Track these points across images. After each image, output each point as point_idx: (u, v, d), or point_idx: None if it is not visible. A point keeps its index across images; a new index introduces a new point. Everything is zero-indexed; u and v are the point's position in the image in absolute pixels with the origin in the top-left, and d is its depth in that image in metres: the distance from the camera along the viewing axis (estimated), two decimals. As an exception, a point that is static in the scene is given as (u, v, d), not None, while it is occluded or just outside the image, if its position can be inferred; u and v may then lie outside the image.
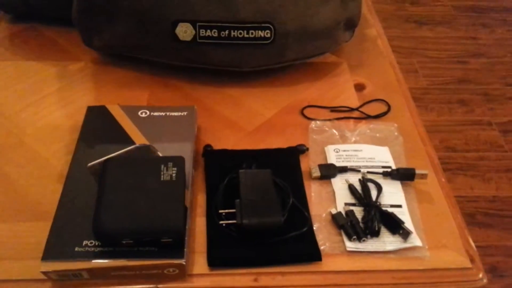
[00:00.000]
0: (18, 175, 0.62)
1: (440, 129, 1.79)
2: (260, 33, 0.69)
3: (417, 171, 0.62)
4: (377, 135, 0.69)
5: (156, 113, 0.65)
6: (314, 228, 0.58)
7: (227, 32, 0.68)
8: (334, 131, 0.69)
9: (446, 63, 2.08)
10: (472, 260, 0.56)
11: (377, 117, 0.72)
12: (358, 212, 0.59)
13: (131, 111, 0.66)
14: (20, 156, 0.64)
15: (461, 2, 2.44)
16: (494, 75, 2.03)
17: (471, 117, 1.85)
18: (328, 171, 0.63)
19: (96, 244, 0.51)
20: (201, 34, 0.68)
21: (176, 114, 0.66)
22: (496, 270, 1.41)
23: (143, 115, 0.65)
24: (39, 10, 0.83)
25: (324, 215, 0.59)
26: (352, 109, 0.73)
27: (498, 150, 1.72)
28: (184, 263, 0.51)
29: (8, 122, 0.69)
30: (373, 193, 0.61)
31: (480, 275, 0.55)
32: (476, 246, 0.58)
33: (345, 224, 0.57)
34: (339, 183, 0.63)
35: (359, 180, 0.62)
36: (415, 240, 0.56)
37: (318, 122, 0.70)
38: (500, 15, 2.36)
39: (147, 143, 0.62)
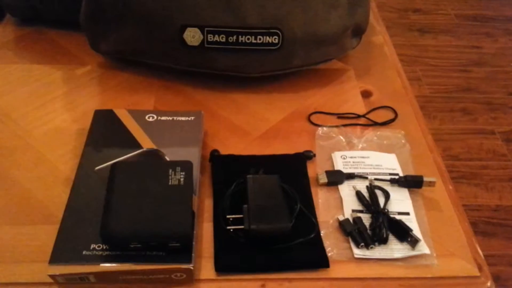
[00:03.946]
0: (24, 178, 0.62)
1: (443, 138, 1.79)
2: (268, 39, 0.69)
3: (425, 179, 0.62)
4: (384, 142, 0.69)
5: (163, 118, 0.65)
6: (322, 234, 0.57)
7: (235, 37, 0.68)
8: (341, 137, 0.69)
9: (449, 71, 2.09)
10: (480, 269, 0.56)
11: (384, 124, 0.72)
12: (366, 219, 0.59)
13: (138, 115, 0.65)
14: (26, 159, 0.64)
15: (464, 11, 2.44)
16: (497, 84, 2.03)
17: (474, 125, 1.85)
18: (335, 178, 0.63)
19: (104, 248, 0.51)
20: (209, 39, 0.68)
21: (183, 118, 0.66)
22: (499, 279, 1.41)
23: (151, 119, 0.65)
24: (46, 13, 0.83)
25: (331, 221, 0.59)
26: (359, 116, 0.73)
27: (501, 159, 1.72)
28: (192, 268, 0.50)
29: (15, 125, 0.69)
30: (381, 200, 0.61)
31: (488, 284, 0.55)
32: (480, 255, 0.58)
33: (353, 231, 0.57)
34: (346, 189, 0.62)
35: (367, 187, 0.62)
36: (423, 247, 0.56)
37: (325, 128, 0.70)
38: (502, 24, 2.37)
39: (154, 147, 0.61)
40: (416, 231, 0.58)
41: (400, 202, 0.61)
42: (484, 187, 1.63)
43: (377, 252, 0.56)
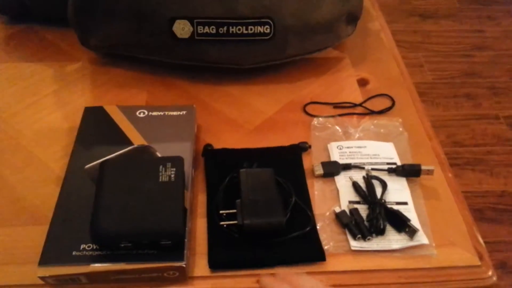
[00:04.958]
0: (14, 178, 0.61)
1: (447, 124, 1.77)
2: (260, 29, 0.67)
3: (423, 167, 0.60)
4: (381, 131, 0.67)
5: (154, 113, 0.64)
6: (318, 227, 0.56)
7: (225, 28, 0.67)
8: (337, 127, 0.68)
9: (452, 56, 2.06)
10: (480, 258, 0.55)
11: (381, 112, 0.71)
12: (363, 210, 0.57)
13: (129, 112, 0.64)
14: (16, 158, 0.63)
15: (465, -6, 2.41)
16: (501, 68, 2.00)
17: (478, 111, 1.82)
18: (332, 169, 0.62)
19: (94, 247, 0.50)
20: (199, 31, 0.67)
21: (175, 113, 0.64)
22: (506, 266, 1.39)
23: (141, 115, 0.64)
24: (35, 11, 0.82)
25: (327, 213, 0.58)
26: (355, 105, 0.72)
27: (506, 144, 1.70)
28: (184, 265, 0.49)
29: (5, 124, 0.68)
30: (378, 190, 0.59)
31: (490, 273, 0.54)
32: (485, 242, 0.57)
33: (350, 223, 0.56)
34: (342, 180, 0.61)
35: (363, 177, 0.61)
36: (421, 237, 0.55)
37: (320, 118, 0.69)
38: (505, 7, 2.33)
39: (145, 143, 0.60)
40: (415, 221, 0.56)
41: (398, 192, 0.60)
42: (489, 173, 1.61)
43: (375, 243, 0.55)
